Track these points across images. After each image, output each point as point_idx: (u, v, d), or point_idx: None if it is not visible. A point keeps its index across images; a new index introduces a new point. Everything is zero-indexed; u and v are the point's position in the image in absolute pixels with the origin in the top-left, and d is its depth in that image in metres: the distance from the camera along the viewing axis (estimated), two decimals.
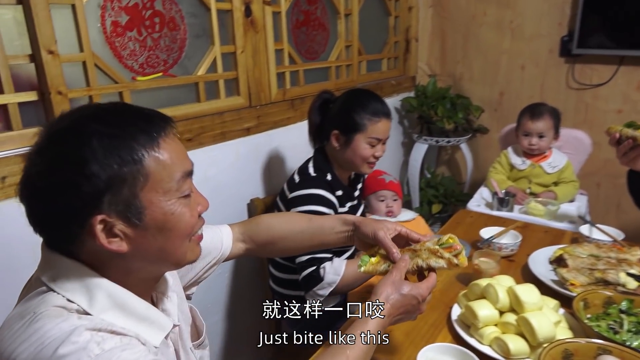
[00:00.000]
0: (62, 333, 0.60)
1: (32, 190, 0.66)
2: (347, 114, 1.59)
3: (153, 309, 0.75)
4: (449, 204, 3.01)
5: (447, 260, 0.93)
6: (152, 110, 0.73)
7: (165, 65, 1.56)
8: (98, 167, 0.63)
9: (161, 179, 0.69)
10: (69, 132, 0.66)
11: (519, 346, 1.03)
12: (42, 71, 1.22)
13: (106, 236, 0.66)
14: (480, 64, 2.99)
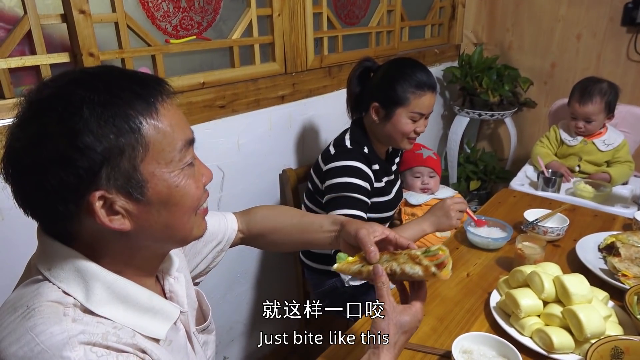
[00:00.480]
0: (53, 343, 0.55)
1: (18, 168, 0.60)
2: (389, 85, 1.49)
3: (157, 298, 0.70)
4: (488, 181, 2.89)
5: (424, 268, 0.78)
6: (146, 74, 0.67)
7: (200, 27, 1.51)
8: (92, 138, 0.57)
9: (162, 148, 0.63)
10: (55, 100, 0.58)
11: (563, 340, 0.96)
12: (74, 31, 1.19)
13: (107, 214, 0.61)
14: (532, 33, 2.79)
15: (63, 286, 0.62)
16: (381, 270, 0.80)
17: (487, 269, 1.33)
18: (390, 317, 0.77)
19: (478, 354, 0.95)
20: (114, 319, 0.63)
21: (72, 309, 0.60)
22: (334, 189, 1.48)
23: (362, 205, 1.46)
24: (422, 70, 1.50)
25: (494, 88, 2.63)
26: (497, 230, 1.47)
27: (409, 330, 0.79)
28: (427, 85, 1.48)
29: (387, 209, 1.63)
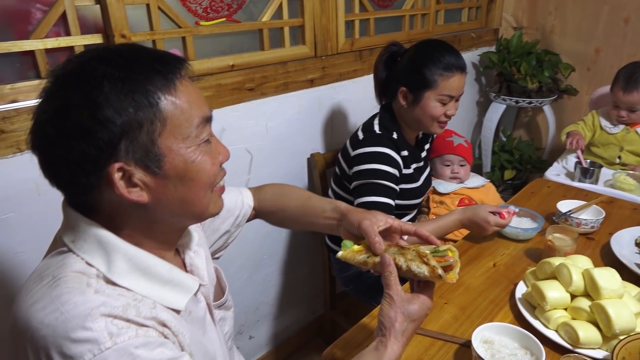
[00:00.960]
0: (77, 313, 0.58)
1: (44, 139, 0.63)
2: (415, 68, 1.46)
3: (177, 271, 0.72)
4: (524, 171, 2.80)
5: (431, 269, 0.77)
6: (164, 51, 0.69)
7: (230, 9, 1.51)
8: (112, 112, 0.60)
9: (179, 124, 0.65)
10: (78, 75, 0.61)
11: (590, 335, 0.93)
12: (107, 13, 1.21)
13: (126, 185, 0.63)
14: (576, 16, 2.66)
15: (86, 257, 0.65)
16: (389, 259, 0.79)
17: (514, 259, 1.30)
18: (397, 305, 0.77)
19: (499, 345, 0.93)
20: (135, 289, 0.65)
21: (95, 280, 0.63)
22: (361, 175, 1.47)
23: (390, 192, 1.45)
24: (449, 51, 1.45)
25: (532, 74, 2.54)
26: (528, 221, 1.43)
27: (417, 318, 0.78)
28: (454, 66, 1.44)
29: (414, 196, 1.61)
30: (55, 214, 1.19)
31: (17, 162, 1.13)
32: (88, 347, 0.56)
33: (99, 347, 0.56)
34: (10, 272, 1.17)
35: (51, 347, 0.56)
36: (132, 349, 0.58)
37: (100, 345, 0.56)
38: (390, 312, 0.77)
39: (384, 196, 1.43)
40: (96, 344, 0.56)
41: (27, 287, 0.64)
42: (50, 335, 0.57)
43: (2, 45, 1.09)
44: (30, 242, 1.19)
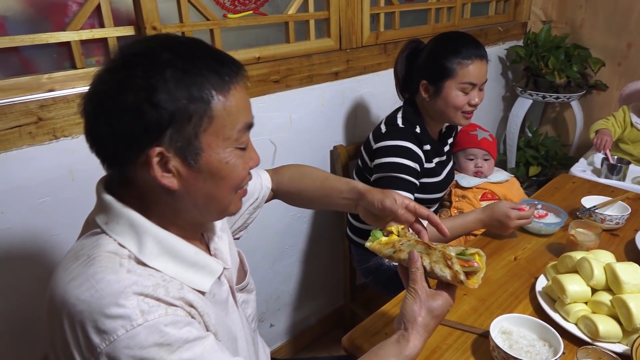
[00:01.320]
0: (111, 291, 0.61)
1: (97, 107, 0.66)
2: (434, 60, 1.46)
3: (202, 254, 0.75)
4: (550, 167, 2.76)
5: (453, 273, 0.77)
6: (225, 53, 0.71)
7: (257, 2, 1.54)
8: (166, 98, 0.63)
9: (224, 124, 0.68)
10: (144, 57, 0.65)
11: (610, 329, 0.93)
12: (139, 6, 1.25)
13: (161, 169, 0.66)
14: (607, 10, 2.59)
15: (119, 239, 0.68)
16: (417, 256, 0.80)
17: (536, 254, 1.29)
18: (422, 300, 0.78)
19: (518, 336, 0.93)
20: (163, 271, 0.68)
21: (127, 260, 0.66)
22: (382, 168, 1.48)
23: (409, 186, 1.46)
24: (466, 40, 1.46)
25: (561, 69, 2.49)
26: (551, 216, 1.42)
27: (439, 315, 0.79)
28: (473, 53, 1.43)
29: (436, 190, 1.61)
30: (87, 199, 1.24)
31: (53, 149, 1.19)
32: (121, 322, 0.59)
33: (131, 323, 0.60)
34: (45, 252, 1.23)
35: (87, 321, 0.60)
36: (161, 327, 0.61)
37: (133, 321, 0.60)
38: (414, 306, 0.78)
39: (403, 190, 1.44)
40: (128, 320, 0.60)
41: (64, 266, 0.68)
42: (86, 311, 0.60)
43: (41, 37, 1.14)
44: (64, 225, 1.24)
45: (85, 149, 1.24)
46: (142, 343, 0.60)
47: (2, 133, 1.10)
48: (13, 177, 1.14)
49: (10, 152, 1.12)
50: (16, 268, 1.19)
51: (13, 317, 1.21)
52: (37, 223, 1.20)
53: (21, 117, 1.11)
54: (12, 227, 1.16)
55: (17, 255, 1.18)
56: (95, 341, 0.60)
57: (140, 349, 0.60)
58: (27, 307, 1.23)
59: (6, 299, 1.19)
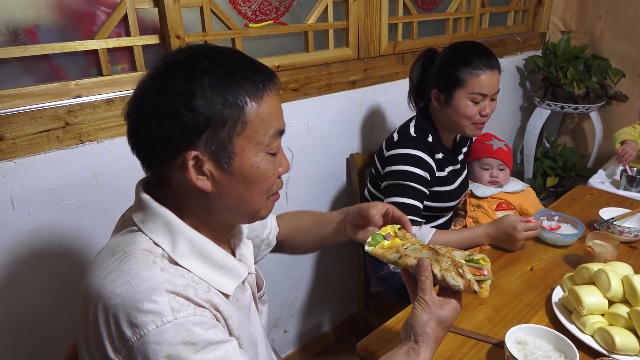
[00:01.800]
0: (145, 287, 0.64)
1: (140, 111, 0.70)
2: (445, 69, 1.48)
3: (230, 258, 0.78)
4: (568, 179, 2.73)
5: (467, 282, 0.75)
6: (259, 62, 0.75)
7: (277, 12, 1.57)
8: (203, 103, 0.66)
9: (257, 130, 0.71)
10: (184, 64, 0.69)
11: (627, 341, 0.92)
12: (164, 15, 1.29)
13: (195, 172, 0.70)
14: (628, 20, 2.58)
15: (154, 237, 0.72)
16: (427, 263, 0.78)
17: (552, 265, 1.29)
18: (432, 311, 0.77)
19: (533, 346, 0.93)
20: (193, 271, 0.71)
21: (160, 259, 0.70)
22: (392, 175, 1.49)
23: (418, 194, 1.46)
24: (478, 50, 1.46)
25: (580, 79, 2.48)
26: (568, 227, 1.41)
27: (449, 324, 0.79)
28: (484, 64, 1.43)
29: (449, 198, 1.61)
30: (110, 202, 1.29)
31: (79, 153, 1.23)
32: (152, 318, 0.62)
33: (161, 319, 0.62)
34: (68, 253, 1.27)
35: (120, 314, 0.63)
36: (189, 325, 0.64)
37: (163, 317, 0.62)
38: (423, 317, 0.77)
39: (412, 198, 1.45)
40: (159, 316, 0.62)
41: (101, 261, 0.71)
42: (120, 304, 0.63)
43: (70, 45, 1.18)
44: (87, 227, 1.28)
45: (109, 153, 1.29)
46: (169, 340, 0.62)
47: (32, 137, 1.14)
48: (40, 180, 1.18)
49: (39, 155, 1.16)
50: (40, 268, 1.23)
51: (36, 316, 1.25)
52: (61, 225, 1.24)
53: (50, 121, 1.16)
54: (38, 228, 1.20)
55: (41, 256, 1.22)
56: (127, 334, 0.62)
57: (168, 345, 0.62)
58: (50, 306, 1.26)
59: (29, 298, 1.23)
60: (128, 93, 1.28)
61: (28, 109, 1.13)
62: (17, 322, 1.22)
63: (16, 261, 1.19)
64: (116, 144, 1.28)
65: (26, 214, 1.17)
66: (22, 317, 1.22)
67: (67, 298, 1.28)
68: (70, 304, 1.29)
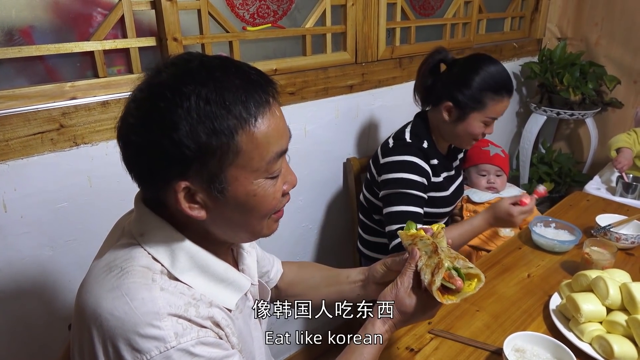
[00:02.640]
0: (146, 311, 0.61)
1: (126, 141, 0.66)
2: (468, 89, 1.43)
3: (232, 271, 0.75)
4: (563, 185, 2.74)
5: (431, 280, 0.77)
6: (257, 74, 0.66)
7: (275, 16, 1.56)
8: (187, 133, 0.61)
9: (251, 157, 0.65)
10: (168, 88, 0.62)
11: (625, 349, 0.92)
12: (161, 17, 1.28)
13: (187, 202, 0.66)
14: (624, 27, 2.59)
15: (152, 252, 0.68)
16: (417, 254, 0.82)
17: (550, 271, 1.28)
18: (399, 291, 0.80)
19: (531, 354, 0.93)
20: (194, 286, 0.69)
21: (159, 276, 0.66)
22: (389, 184, 1.48)
23: (418, 201, 1.46)
24: (504, 75, 1.44)
25: (575, 86, 2.48)
26: (565, 233, 1.41)
27: (410, 313, 0.80)
28: (506, 91, 1.44)
29: (444, 204, 1.61)
30: (104, 205, 1.28)
31: (73, 156, 1.21)
32: (155, 344, 0.60)
33: (165, 345, 0.61)
34: (61, 257, 1.25)
35: (119, 338, 0.61)
36: (192, 349, 0.62)
37: (167, 343, 0.61)
38: (388, 295, 0.80)
39: (413, 205, 1.44)
40: (163, 341, 0.61)
41: (97, 275, 0.68)
42: (119, 328, 0.61)
43: (66, 46, 1.17)
44: (80, 231, 1.26)
45: (104, 156, 1.27)
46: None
47: (26, 139, 1.12)
48: (34, 182, 1.16)
49: (32, 157, 1.15)
50: (31, 273, 1.21)
51: (28, 321, 1.23)
52: (54, 228, 1.22)
53: (44, 123, 1.14)
54: (30, 232, 1.18)
55: (33, 260, 1.20)
56: (127, 359, 0.61)
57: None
58: (41, 311, 1.24)
59: (21, 303, 1.21)
60: (124, 95, 1.26)
61: (22, 110, 1.11)
62: (8, 326, 1.20)
63: (8, 264, 1.17)
64: (111, 147, 1.26)
65: (19, 217, 1.16)
66: (14, 321, 1.21)
67: (59, 303, 1.27)
68: (62, 308, 1.27)
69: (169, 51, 1.30)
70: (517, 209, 1.34)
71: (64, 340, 0.90)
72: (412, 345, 1.01)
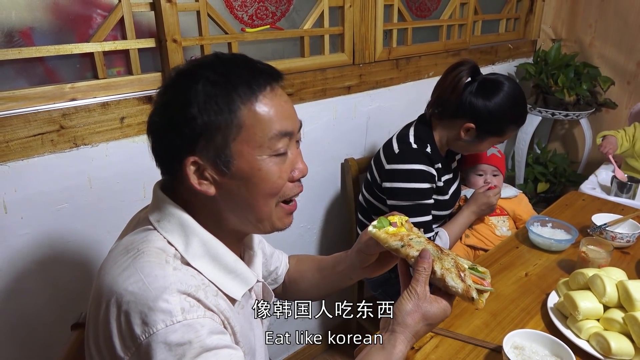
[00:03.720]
0: (157, 286, 0.64)
1: (151, 125, 0.74)
2: (498, 120, 1.47)
3: (241, 263, 0.78)
4: (558, 184, 2.76)
5: (466, 287, 0.73)
6: (264, 65, 0.74)
7: (274, 17, 1.57)
8: (197, 111, 0.67)
9: (254, 133, 0.70)
10: (185, 75, 0.71)
11: (622, 346, 0.93)
12: (161, 19, 1.28)
13: (197, 177, 0.71)
14: (617, 29, 2.62)
15: (168, 237, 0.72)
16: (429, 255, 0.76)
17: (547, 270, 1.30)
18: (419, 303, 0.74)
19: (530, 351, 0.94)
20: (204, 272, 0.71)
21: (172, 259, 0.70)
22: (399, 195, 1.49)
23: (429, 208, 1.52)
24: (525, 105, 1.54)
25: (570, 87, 2.51)
26: (561, 232, 1.43)
27: (434, 323, 0.76)
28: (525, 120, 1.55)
29: (443, 207, 1.62)
30: (104, 206, 1.28)
31: (73, 156, 1.21)
32: (162, 317, 0.62)
33: (171, 318, 0.62)
34: (61, 258, 1.25)
35: (132, 312, 0.63)
36: (198, 327, 0.64)
37: (173, 317, 0.62)
38: (409, 306, 0.73)
39: (425, 215, 1.50)
40: (169, 315, 0.62)
41: (114, 258, 0.71)
42: (133, 302, 0.63)
43: (66, 48, 1.17)
44: (80, 232, 1.27)
45: (104, 157, 1.27)
46: (178, 339, 0.62)
47: (26, 140, 1.12)
48: (34, 183, 1.16)
49: (32, 158, 1.15)
50: (32, 273, 1.21)
51: (29, 321, 1.23)
52: (54, 229, 1.22)
53: (44, 125, 1.14)
54: (30, 233, 1.19)
55: (33, 261, 1.20)
56: (137, 332, 0.62)
57: (176, 345, 0.62)
58: (42, 311, 1.24)
59: (21, 304, 1.21)
60: (124, 96, 1.27)
61: (22, 111, 1.12)
62: (9, 327, 1.20)
63: (8, 265, 1.17)
64: (111, 148, 1.27)
65: (19, 218, 1.16)
66: (15, 321, 1.20)
67: (59, 303, 1.27)
68: (62, 308, 1.27)
69: (168, 52, 1.31)
70: (490, 192, 1.62)
71: (66, 341, 0.90)
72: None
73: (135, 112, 1.28)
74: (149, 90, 1.31)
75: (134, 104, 1.28)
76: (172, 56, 1.31)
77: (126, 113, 1.27)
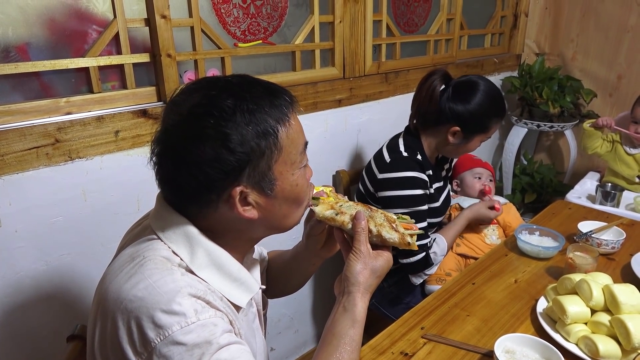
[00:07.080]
0: (168, 289, 0.66)
1: (177, 161, 0.70)
2: (479, 116, 1.51)
3: (244, 271, 0.79)
4: (545, 194, 2.81)
5: (400, 235, 0.82)
6: (274, 86, 0.76)
7: (266, 32, 1.61)
8: (240, 141, 0.68)
9: (290, 151, 0.74)
10: (209, 107, 0.68)
11: (609, 348, 0.96)
12: (155, 34, 1.31)
13: (241, 205, 0.72)
14: (598, 43, 2.70)
15: (173, 247, 0.73)
16: (363, 216, 0.83)
17: (536, 277, 1.33)
18: (366, 261, 0.82)
19: (521, 355, 0.96)
20: (209, 282, 0.73)
21: (177, 268, 0.71)
22: (394, 202, 1.52)
23: (424, 214, 1.55)
24: (502, 96, 1.58)
25: (554, 99, 2.58)
26: (549, 240, 1.46)
27: (381, 275, 0.84)
28: (505, 111, 1.59)
29: (435, 215, 1.65)
30: (98, 219, 1.29)
31: (68, 170, 1.22)
32: (177, 319, 0.63)
33: (186, 320, 0.64)
34: (54, 272, 1.25)
35: (143, 316, 0.64)
36: (211, 326, 0.66)
37: (187, 319, 0.64)
38: (358, 266, 0.81)
39: (421, 220, 1.53)
40: (184, 317, 0.64)
41: (119, 267, 0.72)
42: (143, 307, 0.64)
43: (61, 63, 1.19)
44: (74, 245, 1.27)
45: (98, 170, 1.28)
46: (194, 340, 0.63)
47: (21, 154, 1.13)
48: (29, 197, 1.17)
49: (27, 172, 1.15)
50: (26, 286, 1.21)
51: (22, 335, 1.22)
52: (48, 242, 1.23)
53: (39, 138, 1.15)
54: (25, 246, 1.19)
55: (26, 275, 1.20)
56: (150, 336, 0.63)
57: (194, 345, 0.63)
58: (36, 326, 1.24)
59: (15, 318, 1.20)
60: (118, 110, 1.29)
61: (18, 125, 1.13)
62: (2, 341, 1.19)
63: (2, 279, 1.17)
64: (105, 161, 1.28)
65: (13, 232, 1.16)
66: (8, 336, 1.20)
67: (54, 315, 1.26)
68: (58, 320, 1.27)
69: (162, 67, 1.33)
70: (493, 212, 1.69)
71: (61, 353, 0.90)
72: (407, 350, 1.04)
73: (130, 126, 1.30)
74: (143, 104, 1.33)
75: (129, 118, 1.30)
76: (167, 70, 1.34)
77: (121, 127, 1.29)
